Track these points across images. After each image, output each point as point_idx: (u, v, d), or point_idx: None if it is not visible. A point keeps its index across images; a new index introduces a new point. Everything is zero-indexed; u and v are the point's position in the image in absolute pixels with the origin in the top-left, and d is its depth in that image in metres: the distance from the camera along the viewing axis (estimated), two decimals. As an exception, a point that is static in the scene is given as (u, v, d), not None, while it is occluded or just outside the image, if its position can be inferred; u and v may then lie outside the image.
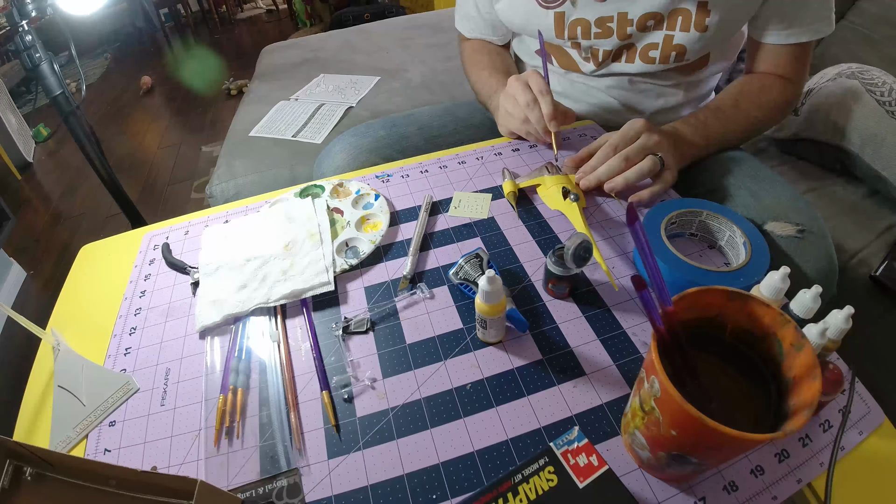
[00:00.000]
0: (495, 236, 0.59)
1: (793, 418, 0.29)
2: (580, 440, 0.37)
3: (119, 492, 0.35)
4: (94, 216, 2.02)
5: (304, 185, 0.69)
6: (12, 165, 2.26)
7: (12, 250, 1.73)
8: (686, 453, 0.32)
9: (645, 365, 0.34)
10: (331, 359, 0.48)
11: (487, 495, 0.35)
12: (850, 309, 0.36)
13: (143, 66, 3.45)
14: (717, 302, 0.34)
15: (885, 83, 0.93)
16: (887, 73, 0.95)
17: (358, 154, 0.78)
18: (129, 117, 2.92)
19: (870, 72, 0.96)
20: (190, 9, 4.09)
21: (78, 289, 0.60)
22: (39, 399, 0.49)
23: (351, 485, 0.39)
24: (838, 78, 1.00)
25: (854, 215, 0.92)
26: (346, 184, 0.68)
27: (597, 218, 0.61)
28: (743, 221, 0.53)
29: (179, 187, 2.19)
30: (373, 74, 1.46)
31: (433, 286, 0.54)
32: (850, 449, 0.39)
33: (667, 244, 0.51)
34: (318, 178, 0.78)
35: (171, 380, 0.48)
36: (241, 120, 1.31)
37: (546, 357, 0.46)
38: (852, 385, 0.41)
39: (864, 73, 0.97)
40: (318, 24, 3.84)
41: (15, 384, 0.54)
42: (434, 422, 0.42)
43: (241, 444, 0.42)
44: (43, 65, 1.03)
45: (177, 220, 0.68)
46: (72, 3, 1.02)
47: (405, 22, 1.86)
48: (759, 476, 0.38)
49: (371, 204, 0.65)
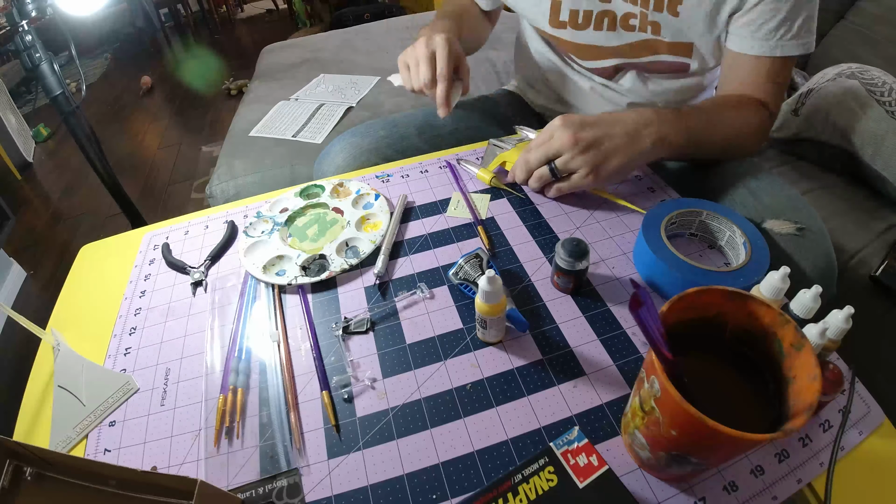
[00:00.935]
0: (495, 236, 0.59)
1: (793, 418, 0.29)
2: (580, 440, 0.37)
3: (119, 492, 0.35)
4: (94, 216, 2.02)
5: (305, 184, 0.69)
6: (12, 165, 2.26)
7: (12, 250, 1.73)
8: (686, 453, 0.32)
9: (645, 365, 0.34)
10: (331, 359, 0.48)
11: (487, 495, 0.35)
12: (850, 309, 0.36)
13: (143, 66, 3.45)
14: (717, 302, 0.34)
15: (885, 83, 0.93)
16: (887, 73, 0.95)
17: (358, 154, 0.78)
18: (129, 117, 2.92)
19: (869, 72, 0.96)
20: (190, 9, 4.08)
21: (78, 289, 0.60)
22: (39, 399, 0.49)
23: (351, 485, 0.39)
24: (838, 78, 1.00)
25: (854, 215, 0.92)
26: (347, 184, 0.68)
27: (597, 217, 0.61)
28: (743, 221, 0.53)
29: (179, 187, 2.19)
30: (373, 75, 1.46)
31: (433, 286, 0.54)
32: (850, 449, 0.39)
33: (667, 244, 0.51)
34: (318, 177, 0.78)
35: (171, 380, 0.48)
36: (241, 120, 1.31)
37: (546, 357, 0.46)
38: (852, 385, 0.41)
39: (864, 73, 0.96)
40: (318, 24, 3.84)
41: (15, 384, 0.54)
42: (434, 422, 0.42)
43: (241, 445, 0.42)
44: (43, 65, 1.03)
45: (177, 220, 0.68)
46: (72, 3, 1.02)
47: (405, 21, 1.86)
48: (759, 476, 0.38)
49: (371, 204, 0.65)
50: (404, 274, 0.56)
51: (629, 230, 0.59)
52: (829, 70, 1.05)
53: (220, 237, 0.62)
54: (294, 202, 0.67)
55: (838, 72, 1.01)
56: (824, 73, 1.06)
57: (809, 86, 1.06)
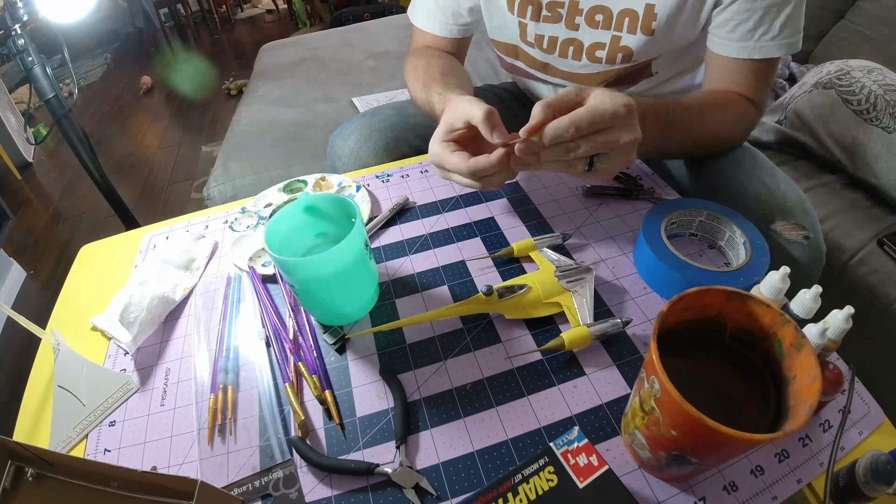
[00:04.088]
0: (495, 236, 0.59)
1: (793, 418, 0.29)
2: (580, 440, 0.37)
3: (119, 492, 0.35)
4: (93, 216, 2.02)
5: (288, 180, 0.70)
6: (12, 165, 2.27)
7: (12, 250, 1.73)
8: (686, 453, 0.32)
9: (645, 365, 0.34)
10: (331, 359, 0.48)
11: (487, 495, 0.35)
12: (850, 309, 0.36)
13: (143, 66, 3.45)
14: (717, 302, 0.34)
15: (864, 87, 0.91)
16: (872, 72, 0.93)
17: (370, 133, 0.77)
18: (128, 117, 2.92)
19: (849, 76, 0.95)
20: (190, 9, 4.08)
21: (78, 289, 0.60)
22: (39, 399, 0.49)
23: (351, 485, 0.39)
24: (814, 90, 0.99)
25: (854, 215, 0.92)
26: (329, 177, 0.69)
27: (597, 217, 0.61)
28: (743, 221, 0.53)
29: (179, 187, 2.19)
30: (371, 75, 1.47)
31: (433, 286, 0.54)
32: (850, 449, 0.39)
33: (667, 244, 0.51)
34: (331, 160, 0.81)
35: (171, 380, 0.48)
36: (240, 121, 1.31)
37: (546, 357, 0.46)
38: (852, 385, 0.41)
39: (843, 79, 0.95)
40: (318, 23, 3.84)
41: (15, 384, 0.54)
42: (434, 422, 0.42)
43: (234, 442, 0.43)
44: (35, 68, 1.03)
45: (177, 219, 0.68)
46: (56, 11, 1.01)
47: (405, 20, 1.86)
48: (759, 476, 0.38)
49: (352, 196, 0.66)
50: (404, 274, 0.56)
51: (629, 230, 0.59)
52: (808, 78, 1.05)
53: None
54: (277, 197, 0.68)
55: (816, 80, 1.00)
56: (803, 82, 1.06)
57: (790, 95, 1.06)
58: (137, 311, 0.50)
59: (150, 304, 0.51)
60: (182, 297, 0.55)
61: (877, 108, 0.89)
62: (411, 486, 0.38)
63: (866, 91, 0.91)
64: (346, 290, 0.48)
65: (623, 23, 0.63)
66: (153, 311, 0.52)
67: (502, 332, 0.49)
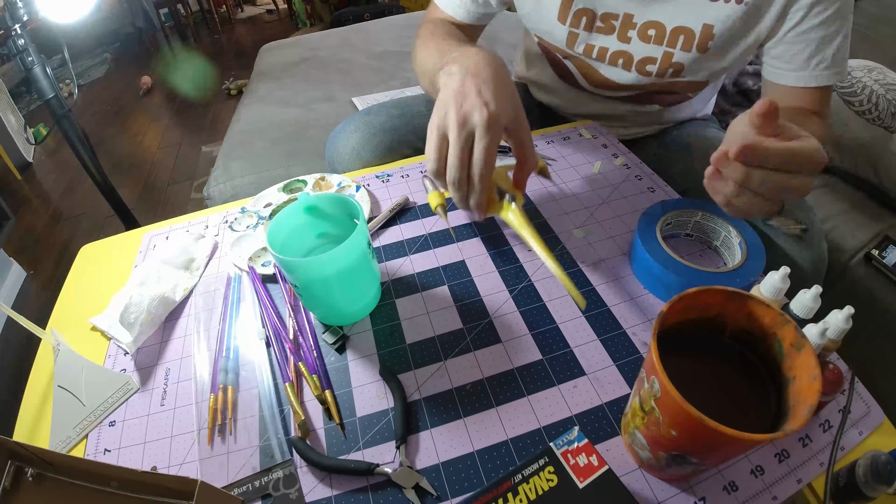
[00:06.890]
0: (495, 237, 0.59)
1: (793, 418, 0.29)
2: (580, 440, 0.37)
3: (119, 492, 0.35)
4: (93, 216, 2.02)
5: (288, 180, 0.70)
6: (12, 165, 2.26)
7: (12, 250, 1.72)
8: (686, 453, 0.32)
9: (645, 365, 0.34)
10: (331, 358, 0.48)
11: (487, 495, 0.35)
12: (850, 309, 0.36)
13: (143, 67, 3.44)
14: (717, 302, 0.34)
15: (866, 88, 0.91)
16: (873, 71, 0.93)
17: (373, 132, 0.77)
18: (128, 117, 2.92)
19: (850, 76, 0.95)
20: (190, 9, 4.08)
21: (78, 289, 0.60)
22: (39, 399, 0.49)
23: (351, 485, 0.39)
24: None
25: (854, 215, 0.92)
26: (328, 177, 0.69)
27: (597, 217, 0.61)
28: (738, 222, 0.53)
29: (179, 187, 2.19)
30: (370, 74, 1.46)
31: (433, 286, 0.54)
32: (850, 449, 0.39)
33: (663, 245, 0.51)
34: (330, 157, 0.80)
35: (171, 380, 0.48)
36: (240, 121, 1.31)
37: (546, 357, 0.46)
38: (852, 385, 0.41)
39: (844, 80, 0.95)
40: (318, 23, 3.84)
41: (15, 384, 0.54)
42: (434, 422, 0.42)
43: (234, 442, 0.43)
44: (35, 68, 1.03)
45: (177, 219, 0.68)
46: (56, 10, 1.01)
47: (405, 20, 1.86)
48: (759, 476, 0.38)
49: (352, 195, 0.66)
50: (405, 274, 0.56)
51: (629, 230, 0.59)
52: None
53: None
54: (277, 197, 0.68)
55: None
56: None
57: None
58: (138, 311, 0.50)
59: (150, 305, 0.51)
60: (182, 297, 0.55)
61: (878, 107, 0.89)
62: (411, 486, 0.38)
63: (868, 91, 0.91)
64: (349, 290, 0.48)
65: (677, 40, 0.63)
66: (153, 312, 0.52)
67: (502, 333, 0.49)
